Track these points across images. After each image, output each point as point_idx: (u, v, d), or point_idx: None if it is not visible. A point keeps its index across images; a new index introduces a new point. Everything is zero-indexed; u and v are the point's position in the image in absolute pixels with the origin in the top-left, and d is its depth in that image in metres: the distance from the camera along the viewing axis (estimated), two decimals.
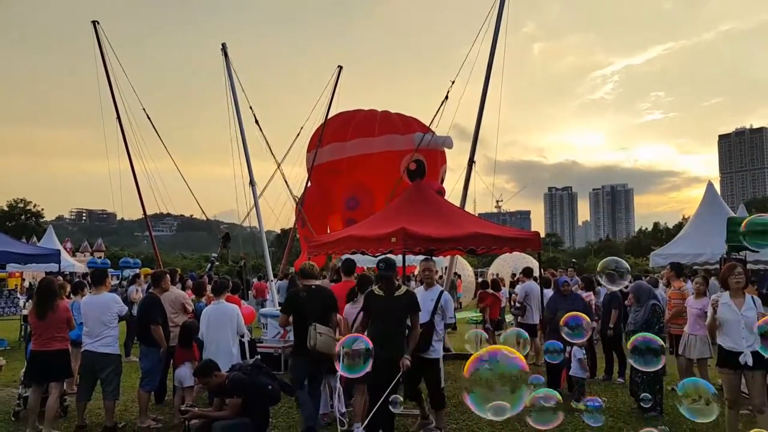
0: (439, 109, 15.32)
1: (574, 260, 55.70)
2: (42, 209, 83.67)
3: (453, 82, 14.30)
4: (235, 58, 17.38)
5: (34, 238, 38.38)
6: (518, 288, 13.51)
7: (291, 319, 7.08)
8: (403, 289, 6.45)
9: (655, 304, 8.10)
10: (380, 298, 6.33)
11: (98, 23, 16.02)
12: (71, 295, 9.59)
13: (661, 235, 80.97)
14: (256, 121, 17.27)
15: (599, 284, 12.88)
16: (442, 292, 7.21)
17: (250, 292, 20.28)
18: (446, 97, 14.88)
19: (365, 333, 6.35)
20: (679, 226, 67.57)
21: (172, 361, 7.97)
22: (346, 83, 20.85)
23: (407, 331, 6.41)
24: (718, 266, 14.51)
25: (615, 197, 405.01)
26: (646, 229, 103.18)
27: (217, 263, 25.03)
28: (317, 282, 7.33)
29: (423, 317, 6.68)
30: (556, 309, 9.17)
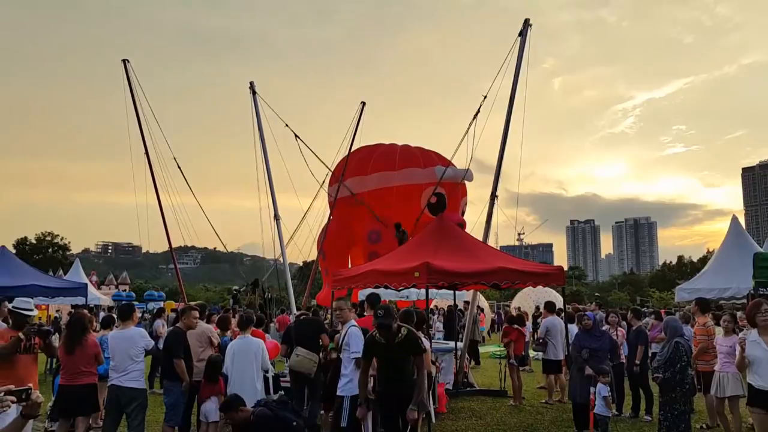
0: (468, 127, 14.70)
1: (597, 294, 55.11)
2: (69, 242, 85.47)
3: (485, 97, 13.99)
4: (261, 94, 17.78)
5: (61, 271, 38.96)
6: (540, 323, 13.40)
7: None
8: (404, 332, 6.08)
9: (678, 342, 7.88)
10: (381, 345, 6.03)
11: (128, 61, 16.46)
12: (98, 329, 9.71)
13: (686, 268, 79.72)
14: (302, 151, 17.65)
15: (624, 319, 12.77)
16: (349, 326, 6.97)
17: (272, 325, 20.28)
18: (475, 116, 14.36)
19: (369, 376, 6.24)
20: (703, 260, 66.65)
21: (196, 396, 8.01)
22: (368, 118, 21.21)
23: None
24: (745, 301, 14.28)
25: (638, 230, 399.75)
26: (671, 262, 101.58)
27: (241, 297, 25.16)
28: (307, 313, 9.44)
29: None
30: (581, 347, 9.06)
